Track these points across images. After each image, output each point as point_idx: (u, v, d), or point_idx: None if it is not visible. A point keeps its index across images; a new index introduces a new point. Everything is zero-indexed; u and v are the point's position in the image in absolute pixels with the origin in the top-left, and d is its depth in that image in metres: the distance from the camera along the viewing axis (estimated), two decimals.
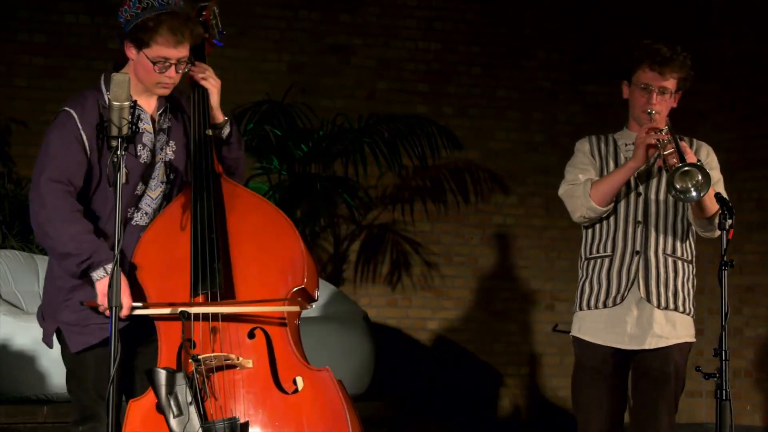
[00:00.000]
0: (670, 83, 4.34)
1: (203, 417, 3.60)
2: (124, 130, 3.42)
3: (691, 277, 4.40)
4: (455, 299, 8.12)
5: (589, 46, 8.41)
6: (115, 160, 3.42)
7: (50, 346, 3.90)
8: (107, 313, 3.62)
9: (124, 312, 3.61)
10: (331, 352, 5.87)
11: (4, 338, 5.62)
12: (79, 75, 7.51)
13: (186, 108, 3.96)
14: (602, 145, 4.46)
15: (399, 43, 8.15)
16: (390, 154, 7.60)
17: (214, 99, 3.92)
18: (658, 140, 4.20)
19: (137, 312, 3.66)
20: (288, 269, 3.78)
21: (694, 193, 4.06)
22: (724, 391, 4.04)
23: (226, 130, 3.96)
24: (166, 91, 3.81)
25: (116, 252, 3.41)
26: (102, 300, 3.62)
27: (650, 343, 4.29)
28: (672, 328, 4.33)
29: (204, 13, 4.04)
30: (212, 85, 3.91)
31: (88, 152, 3.72)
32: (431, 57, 8.19)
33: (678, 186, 4.04)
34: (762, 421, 7.99)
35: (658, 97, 4.33)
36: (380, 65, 8.11)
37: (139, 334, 3.79)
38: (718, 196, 4.19)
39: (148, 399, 3.67)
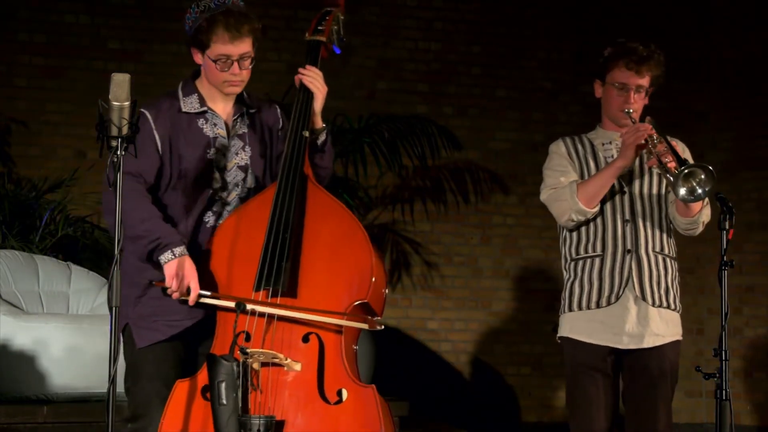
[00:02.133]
0: (646, 81, 4.31)
1: (243, 409, 3.60)
2: (124, 130, 3.43)
3: (677, 274, 4.38)
4: (455, 299, 8.12)
5: (589, 46, 8.41)
6: (115, 160, 3.43)
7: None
8: (175, 296, 3.70)
9: (192, 296, 3.68)
10: None
11: (4, 338, 5.62)
12: (79, 75, 7.52)
13: (267, 116, 4.01)
14: (578, 146, 4.42)
15: (399, 43, 8.16)
16: (390, 154, 7.60)
17: (318, 104, 3.99)
18: (648, 139, 4.17)
19: (204, 300, 3.70)
20: (354, 281, 3.77)
21: (700, 191, 4.05)
22: (724, 391, 4.04)
23: (322, 138, 4.01)
24: (236, 89, 3.87)
25: (116, 252, 3.41)
26: (170, 282, 3.68)
27: (648, 342, 4.26)
28: (666, 326, 4.31)
29: (327, 18, 4.14)
30: (318, 89, 4.00)
31: (160, 152, 3.80)
32: (431, 57, 8.19)
33: (685, 188, 4.03)
34: (762, 421, 7.99)
35: (636, 95, 4.30)
36: (380, 65, 8.11)
37: (205, 334, 3.82)
38: (718, 196, 4.18)
39: (195, 381, 3.69)
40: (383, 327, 3.95)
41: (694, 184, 4.04)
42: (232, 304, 3.70)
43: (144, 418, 3.78)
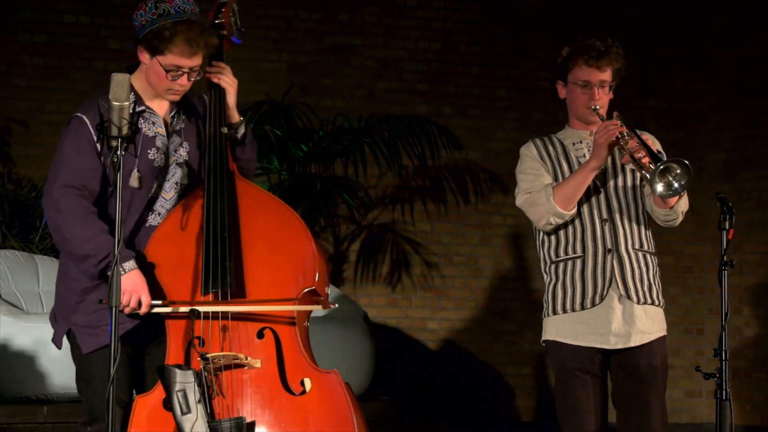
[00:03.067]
0: (608, 75, 4.30)
1: (210, 415, 3.61)
2: (124, 131, 3.42)
3: (657, 269, 4.36)
4: (455, 299, 8.12)
5: None
6: (115, 160, 3.43)
7: (59, 347, 3.92)
8: (126, 310, 3.66)
9: (143, 309, 3.66)
10: (331, 352, 5.87)
11: (4, 338, 5.62)
12: (79, 75, 7.52)
13: (198, 108, 3.97)
14: (549, 147, 4.39)
15: (399, 43, 8.15)
16: (390, 154, 7.60)
17: (231, 98, 3.93)
18: (619, 136, 4.15)
19: (156, 310, 3.69)
20: (299, 270, 3.79)
21: (677, 185, 4.03)
22: (724, 391, 4.04)
23: (241, 131, 3.98)
24: (176, 98, 3.82)
25: (116, 251, 3.41)
26: (120, 298, 3.63)
27: (635, 340, 4.23)
28: (652, 322, 4.28)
29: (223, 9, 4.05)
30: (229, 84, 3.93)
31: (102, 157, 3.73)
32: (431, 57, 8.19)
33: (661, 184, 4.02)
34: (762, 421, 7.99)
35: (599, 91, 4.29)
36: (380, 65, 8.11)
37: (149, 334, 3.81)
38: (718, 196, 4.17)
39: (155, 395, 3.69)
40: (336, 305, 3.94)
41: (671, 178, 4.02)
42: (185, 309, 3.69)
43: (101, 420, 3.72)
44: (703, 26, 8.52)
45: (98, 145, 3.71)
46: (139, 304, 3.67)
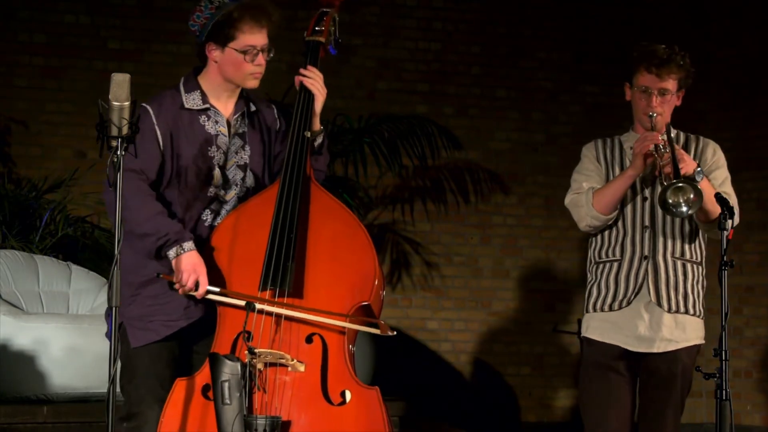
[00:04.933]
0: (670, 84, 4.30)
1: (248, 409, 3.61)
2: (124, 131, 3.43)
3: (700, 278, 4.41)
4: (455, 299, 8.12)
5: (589, 46, 8.41)
6: (115, 160, 3.43)
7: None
8: (181, 291, 3.72)
9: (200, 291, 3.71)
10: None
11: (4, 338, 5.62)
12: (79, 75, 7.52)
13: (266, 115, 4.04)
14: (608, 150, 4.44)
15: (399, 43, 8.15)
16: (390, 154, 7.60)
17: (318, 105, 4.03)
18: (656, 149, 4.17)
19: (210, 297, 3.72)
20: (357, 284, 3.80)
21: (684, 209, 4.05)
22: (724, 391, 4.04)
23: (319, 140, 4.04)
24: (256, 83, 3.91)
25: (116, 251, 3.41)
26: (178, 277, 3.70)
27: (659, 347, 4.30)
28: (682, 331, 4.34)
29: (325, 18, 4.17)
30: (319, 91, 4.04)
31: (162, 147, 3.81)
32: (431, 57, 8.19)
33: (670, 201, 4.03)
34: (762, 421, 7.99)
35: (659, 98, 4.30)
36: (380, 65, 8.11)
37: (201, 333, 3.84)
38: (718, 196, 4.17)
39: (195, 380, 3.69)
40: (395, 333, 3.96)
41: (681, 200, 4.04)
42: (239, 302, 3.70)
43: (139, 416, 3.78)
44: (703, 26, 8.51)
45: (159, 137, 3.80)
46: (197, 286, 3.71)
